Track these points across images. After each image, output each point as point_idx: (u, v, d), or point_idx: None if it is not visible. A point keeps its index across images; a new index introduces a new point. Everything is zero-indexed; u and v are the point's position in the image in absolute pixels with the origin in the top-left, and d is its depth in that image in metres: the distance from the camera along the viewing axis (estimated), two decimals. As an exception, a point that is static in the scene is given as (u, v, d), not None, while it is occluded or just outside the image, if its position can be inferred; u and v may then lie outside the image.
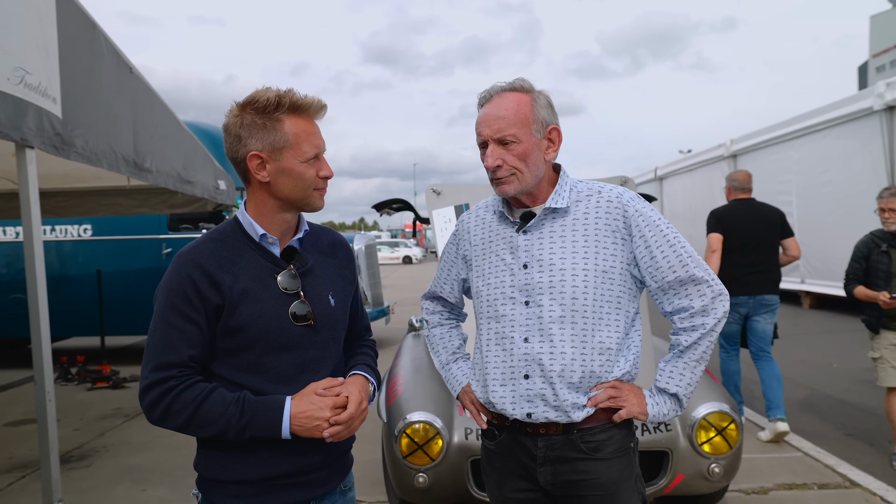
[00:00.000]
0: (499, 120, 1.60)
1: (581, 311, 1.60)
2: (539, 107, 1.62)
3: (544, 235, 1.64)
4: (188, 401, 1.33)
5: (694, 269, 1.61)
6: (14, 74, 2.75)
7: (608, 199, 1.64)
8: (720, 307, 1.62)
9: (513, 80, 1.66)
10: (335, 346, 1.53)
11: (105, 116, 3.59)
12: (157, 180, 4.32)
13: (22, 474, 4.27)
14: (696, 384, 1.66)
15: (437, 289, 1.95)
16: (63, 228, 7.67)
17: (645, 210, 1.64)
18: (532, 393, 1.62)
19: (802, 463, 4.13)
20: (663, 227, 1.64)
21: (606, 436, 1.64)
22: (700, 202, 16.35)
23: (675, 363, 1.65)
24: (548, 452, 1.63)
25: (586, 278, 1.60)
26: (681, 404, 1.67)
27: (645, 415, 1.64)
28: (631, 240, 1.62)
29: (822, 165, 11.22)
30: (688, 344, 1.62)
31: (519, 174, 1.61)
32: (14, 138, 2.72)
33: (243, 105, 1.40)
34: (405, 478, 2.88)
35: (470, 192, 3.57)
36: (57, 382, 7.10)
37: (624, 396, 1.63)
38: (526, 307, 1.63)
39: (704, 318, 1.61)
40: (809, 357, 7.58)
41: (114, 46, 3.74)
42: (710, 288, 1.61)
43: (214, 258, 1.40)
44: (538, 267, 1.63)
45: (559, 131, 1.66)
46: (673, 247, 1.62)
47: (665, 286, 1.63)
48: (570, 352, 1.60)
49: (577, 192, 1.67)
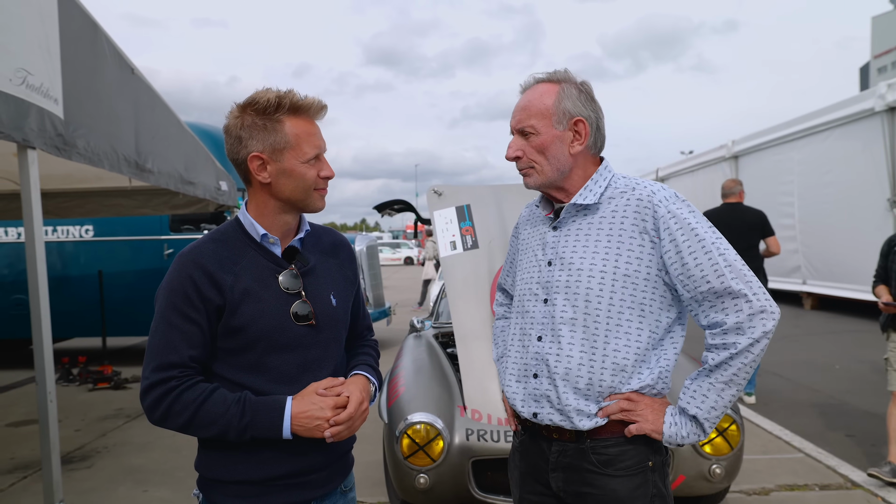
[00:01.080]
0: (522, 110, 1.57)
1: (594, 315, 1.52)
2: (564, 97, 1.55)
3: (571, 232, 1.59)
4: (189, 401, 1.33)
5: (731, 281, 1.44)
6: (16, 75, 2.76)
7: (639, 198, 1.53)
8: (759, 326, 1.43)
9: (553, 70, 1.61)
10: (336, 346, 1.53)
11: (107, 117, 3.59)
12: (159, 181, 4.33)
13: (24, 475, 4.27)
14: (723, 409, 1.49)
15: (503, 280, 1.93)
16: (65, 229, 7.68)
17: (679, 211, 1.51)
18: (539, 393, 1.58)
19: (804, 464, 4.12)
20: (700, 230, 1.49)
21: (619, 450, 1.54)
22: (702, 203, 16.33)
23: (700, 382, 1.50)
24: (560, 458, 1.58)
25: (603, 280, 1.51)
26: (703, 429, 1.50)
27: (660, 433, 1.51)
28: (660, 243, 1.50)
29: (824, 166, 11.22)
30: (715, 363, 1.47)
31: (538, 166, 1.56)
32: (16, 139, 2.73)
33: (244, 106, 1.40)
34: (406, 479, 2.88)
35: (471, 194, 3.57)
36: (58, 383, 7.11)
37: (639, 411, 1.52)
38: (545, 305, 1.59)
39: (738, 337, 1.44)
40: (811, 358, 7.57)
41: (115, 47, 3.74)
42: (748, 303, 1.44)
43: (215, 258, 1.40)
44: (559, 265, 1.58)
45: (586, 123, 1.56)
46: (709, 253, 1.46)
47: (699, 297, 1.49)
48: (577, 356, 1.53)
49: (613, 188, 1.58)
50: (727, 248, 1.49)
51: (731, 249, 1.50)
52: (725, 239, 1.52)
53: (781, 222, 12.64)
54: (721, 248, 1.48)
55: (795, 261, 12.22)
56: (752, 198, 13.94)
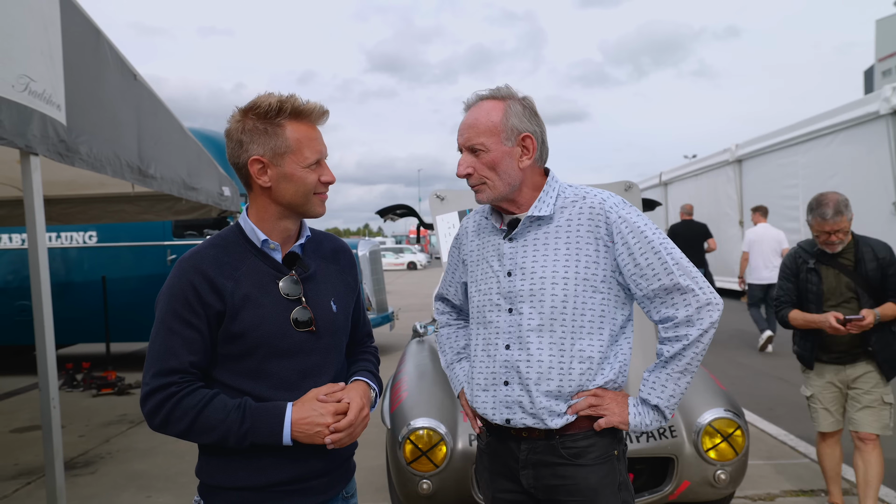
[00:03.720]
0: (469, 128, 1.62)
1: (560, 320, 1.60)
2: (511, 114, 1.60)
3: (528, 243, 1.65)
4: (189, 407, 1.33)
5: (679, 278, 1.57)
6: (19, 82, 2.77)
7: (591, 206, 1.62)
8: (706, 317, 1.58)
9: (496, 87, 1.66)
10: (337, 353, 1.52)
11: (110, 123, 3.60)
12: (162, 187, 4.33)
13: (27, 481, 4.28)
14: (680, 395, 1.63)
15: (444, 290, 1.98)
16: (68, 235, 7.70)
17: (629, 216, 1.61)
18: (510, 399, 1.64)
19: (809, 469, 4.09)
20: (648, 233, 1.60)
21: (588, 442, 1.63)
22: (706, 208, 16.30)
23: (658, 374, 1.62)
24: (529, 456, 1.65)
25: (566, 286, 1.59)
26: (664, 415, 1.64)
27: (626, 424, 1.63)
28: (613, 246, 1.60)
29: (829, 170, 11.18)
30: (671, 354, 1.60)
31: (489, 182, 1.61)
32: (19, 145, 2.74)
33: (245, 110, 1.40)
34: (409, 484, 2.87)
35: (473, 198, 3.57)
36: (62, 389, 7.12)
37: (605, 405, 1.62)
38: (509, 315, 1.65)
39: (689, 329, 1.58)
40: (816, 362, 7.52)
41: (118, 53, 3.75)
42: (695, 297, 1.58)
43: (216, 264, 1.39)
44: (521, 275, 1.63)
45: (533, 139, 1.62)
46: (658, 253, 1.58)
47: (650, 294, 1.60)
48: (547, 360, 1.60)
49: (563, 198, 1.66)
50: (673, 247, 1.62)
51: (677, 249, 1.62)
52: (672, 241, 1.64)
53: (786, 226, 12.58)
54: (668, 247, 1.60)
55: (800, 265, 12.17)
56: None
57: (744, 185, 14.41)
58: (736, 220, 14.57)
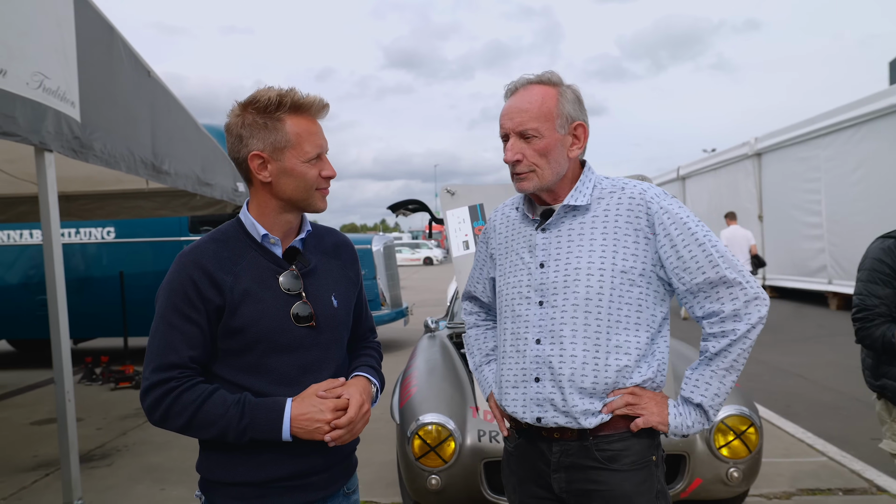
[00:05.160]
0: (521, 113, 1.54)
1: (595, 313, 1.52)
2: (565, 101, 1.54)
3: (562, 234, 1.57)
4: (188, 402, 1.33)
5: (725, 270, 1.49)
6: (33, 79, 2.79)
7: (630, 196, 1.55)
8: (755, 312, 1.49)
9: (542, 72, 1.59)
10: (338, 348, 1.51)
11: (123, 120, 3.63)
12: (176, 183, 4.36)
13: (46, 472, 4.34)
14: (725, 395, 1.53)
15: (471, 288, 1.90)
16: (87, 231, 7.80)
17: (671, 207, 1.54)
18: (542, 397, 1.55)
19: (827, 468, 4.03)
20: (692, 224, 1.52)
21: (623, 445, 1.54)
22: (725, 202, 16.10)
23: (702, 371, 1.53)
24: (562, 458, 1.56)
25: (602, 278, 1.51)
26: (707, 416, 1.54)
27: (665, 425, 1.53)
28: (655, 238, 1.52)
29: (852, 163, 10.98)
30: (716, 351, 1.51)
31: (539, 170, 1.54)
32: (33, 142, 2.77)
33: (245, 105, 1.39)
34: (418, 479, 2.86)
35: (484, 193, 3.55)
36: (81, 382, 7.23)
37: (643, 404, 1.52)
38: (540, 307, 1.56)
39: (736, 324, 1.49)
40: (836, 359, 7.41)
41: (132, 51, 3.78)
42: (742, 291, 1.49)
43: (216, 258, 1.39)
44: (554, 266, 1.56)
45: (585, 128, 1.58)
46: (702, 245, 1.50)
47: (694, 288, 1.52)
48: (581, 355, 1.52)
49: (600, 188, 1.59)
50: (717, 240, 1.53)
51: (721, 242, 1.54)
52: (713, 233, 1.56)
53: (807, 220, 12.40)
54: (712, 240, 1.52)
55: (821, 260, 11.99)
56: (776, 196, 13.72)
57: (763, 179, 14.21)
58: (755, 214, 14.38)
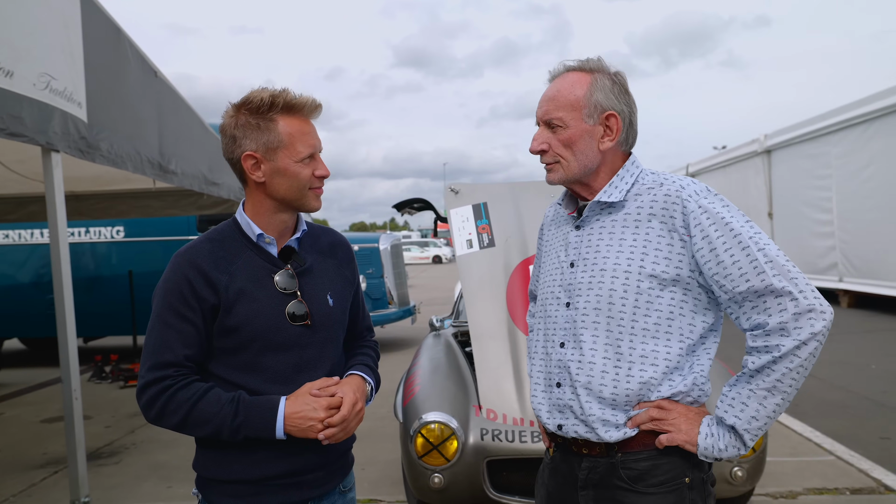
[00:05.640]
0: (549, 101, 1.47)
1: (617, 318, 1.41)
2: (596, 89, 1.44)
3: (594, 232, 1.48)
4: (183, 400, 1.34)
5: (773, 279, 1.31)
6: (40, 80, 2.82)
7: (666, 193, 1.42)
8: (806, 326, 1.29)
9: (586, 58, 1.49)
10: (333, 347, 1.52)
11: (130, 120, 3.66)
12: (183, 182, 4.40)
13: (55, 469, 4.39)
14: (766, 420, 1.34)
15: (533, 286, 1.81)
16: (97, 230, 7.87)
17: (711, 205, 1.38)
18: (562, 403, 1.47)
19: (835, 467, 4.00)
20: (736, 224, 1.36)
21: (651, 464, 1.41)
22: (735, 200, 15.94)
23: (740, 389, 1.36)
24: (590, 476, 1.46)
25: (627, 281, 1.40)
26: (743, 441, 1.36)
27: (694, 445, 1.38)
28: (691, 241, 1.38)
29: (863, 160, 10.87)
30: (756, 367, 1.33)
31: (563, 162, 1.46)
32: (40, 142, 2.79)
33: (238, 106, 1.40)
34: (421, 478, 2.87)
35: (488, 191, 3.55)
36: (91, 380, 7.30)
37: (671, 419, 1.39)
38: (567, 309, 1.48)
39: (782, 339, 1.30)
40: (846, 358, 7.35)
41: (139, 51, 3.80)
42: (793, 302, 1.30)
43: (211, 258, 1.40)
44: (582, 266, 1.47)
45: (619, 118, 1.45)
46: (746, 249, 1.33)
47: (738, 298, 1.35)
48: (600, 362, 1.42)
49: (640, 184, 1.47)
50: (767, 242, 1.35)
51: (772, 244, 1.37)
52: (765, 233, 1.39)
53: (818, 218, 12.29)
54: (760, 242, 1.35)
55: (832, 258, 11.89)
56: (786, 194, 13.62)
57: (773, 176, 14.10)
58: (765, 211, 14.28)
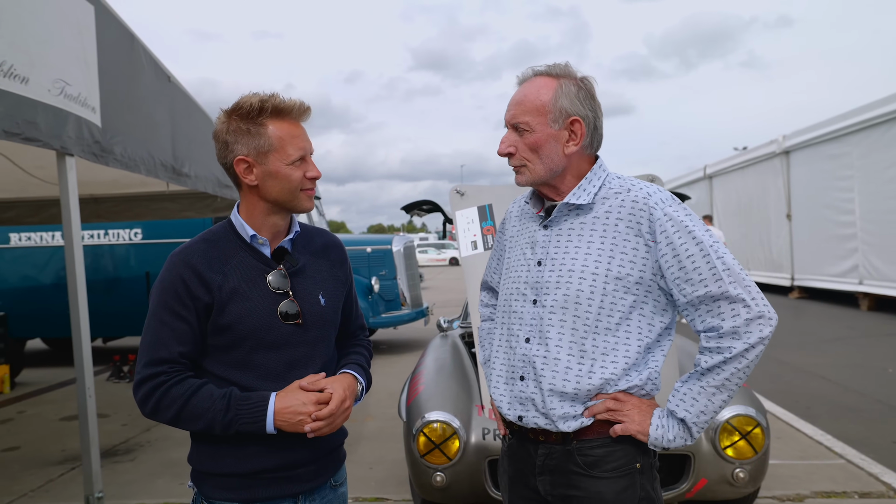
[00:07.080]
0: (516, 105, 1.52)
1: (583, 318, 1.48)
2: (562, 95, 1.48)
3: (562, 232, 1.54)
4: (177, 395, 1.39)
5: (729, 286, 1.40)
6: (54, 86, 2.90)
7: (633, 199, 1.48)
8: (755, 331, 1.40)
9: (554, 63, 1.54)
10: (324, 345, 1.56)
11: (144, 124, 3.74)
12: (196, 185, 4.48)
13: (72, 466, 4.49)
14: (713, 414, 1.46)
15: (488, 277, 1.88)
16: (115, 232, 8.03)
17: (676, 214, 1.46)
18: (524, 396, 1.54)
19: (844, 470, 3.96)
20: (698, 233, 1.44)
21: (605, 451, 1.50)
22: (754, 201, 15.82)
23: (691, 385, 1.46)
24: (546, 461, 1.54)
25: (594, 283, 1.47)
26: (690, 433, 1.47)
27: (645, 435, 1.48)
28: (656, 246, 1.46)
29: (886, 160, 10.70)
30: (707, 366, 1.43)
31: (530, 165, 1.51)
32: (54, 147, 2.88)
33: (229, 112, 1.45)
34: (423, 476, 2.91)
35: (493, 193, 3.57)
36: (110, 380, 7.45)
37: (625, 411, 1.48)
38: (533, 306, 1.54)
39: (733, 341, 1.40)
40: (863, 361, 7.26)
41: (152, 57, 3.89)
42: (746, 308, 1.40)
43: (205, 258, 1.45)
44: (550, 265, 1.53)
45: (583, 123, 1.50)
46: (707, 257, 1.42)
47: (695, 301, 1.44)
48: (565, 359, 1.49)
49: (607, 188, 1.53)
50: (724, 251, 1.45)
51: (729, 254, 1.46)
52: (722, 243, 1.47)
53: (839, 220, 12.12)
54: (719, 251, 1.44)
55: (853, 260, 11.72)
56: (805, 195, 13.44)
57: (791, 177, 13.94)
58: (784, 213, 14.12)
